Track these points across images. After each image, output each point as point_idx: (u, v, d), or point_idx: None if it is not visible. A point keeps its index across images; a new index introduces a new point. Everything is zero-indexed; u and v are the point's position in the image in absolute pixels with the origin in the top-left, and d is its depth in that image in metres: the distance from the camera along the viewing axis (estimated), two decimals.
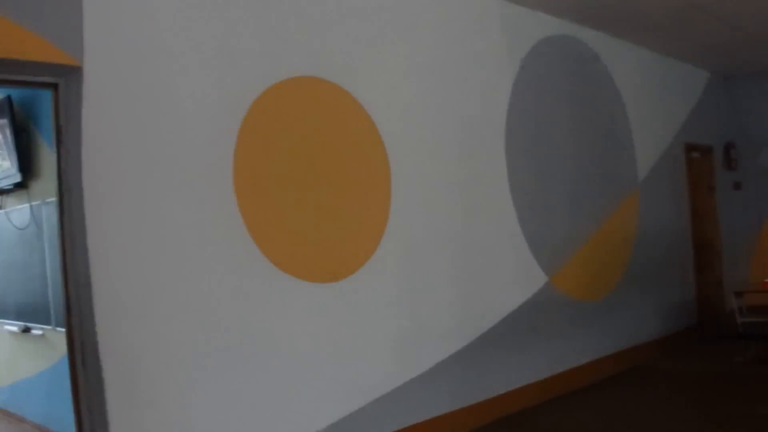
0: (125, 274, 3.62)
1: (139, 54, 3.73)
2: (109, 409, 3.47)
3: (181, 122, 3.87)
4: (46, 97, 4.57)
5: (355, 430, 4.56)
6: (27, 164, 5.94)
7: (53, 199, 4.03)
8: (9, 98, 5.72)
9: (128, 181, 3.67)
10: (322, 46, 4.63)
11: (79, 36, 3.49)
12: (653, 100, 8.21)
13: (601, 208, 7.13)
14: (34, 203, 6.11)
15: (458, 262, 5.46)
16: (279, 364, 4.22)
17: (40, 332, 6.23)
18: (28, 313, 6.36)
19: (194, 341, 3.87)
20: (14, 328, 6.62)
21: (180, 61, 3.89)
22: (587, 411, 5.77)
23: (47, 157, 5.63)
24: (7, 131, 5.82)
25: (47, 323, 6.02)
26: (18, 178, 5.97)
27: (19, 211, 6.38)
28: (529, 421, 5.55)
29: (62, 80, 3.57)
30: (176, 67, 3.87)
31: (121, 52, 3.67)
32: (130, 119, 3.69)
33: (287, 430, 4.23)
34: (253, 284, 4.14)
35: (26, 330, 6.43)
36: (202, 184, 3.95)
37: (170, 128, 3.84)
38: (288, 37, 4.43)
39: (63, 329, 3.84)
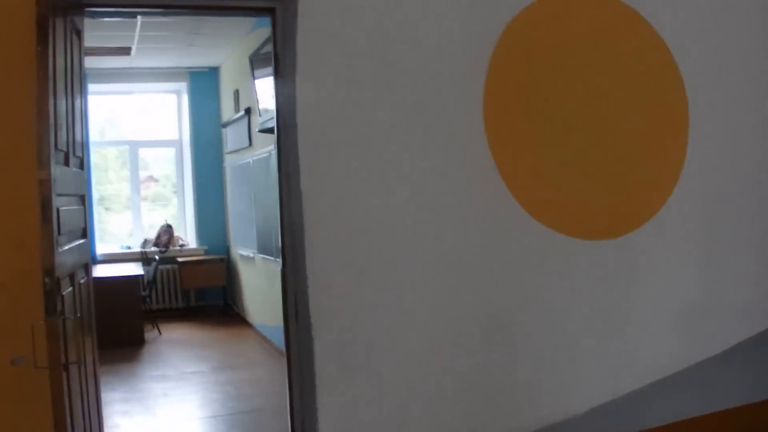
0: (342, 222, 3.40)
1: None
2: (317, 370, 3.41)
3: (414, 49, 3.53)
4: None
5: (623, 417, 3.92)
6: None
7: None
8: None
9: (348, 117, 3.40)
10: None
11: None
12: None
13: None
14: None
15: None
16: (534, 333, 3.73)
17: None
18: None
19: (425, 302, 3.54)
20: None
21: None
22: None
23: None
24: None
25: None
26: None
27: None
28: None
29: (279, 4, 3.31)
30: None
31: None
32: (351, 46, 3.42)
33: (535, 414, 3.72)
34: (504, 239, 3.69)
35: None
36: (439, 121, 3.57)
37: (400, 58, 3.47)
38: None
39: None
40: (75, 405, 2.79)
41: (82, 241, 3.22)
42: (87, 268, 3.31)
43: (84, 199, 3.32)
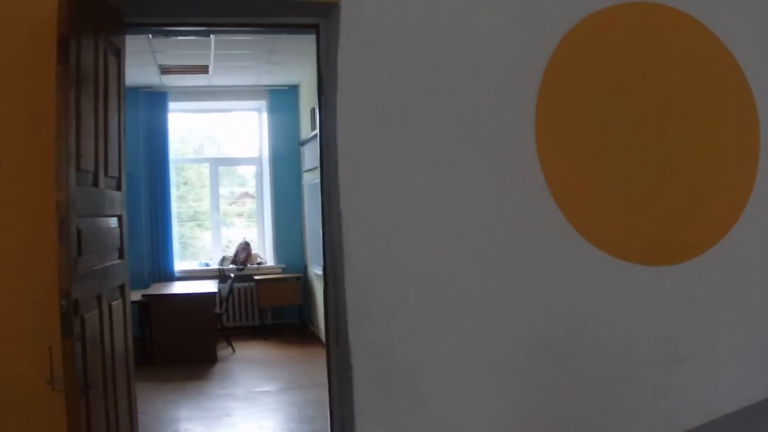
0: (383, 244, 3.28)
1: None
2: (357, 398, 3.33)
3: (461, 64, 3.38)
4: None
5: None
6: None
7: None
8: None
9: (390, 135, 3.27)
10: None
11: None
12: None
13: None
14: None
15: None
16: (587, 363, 3.49)
17: None
18: None
19: (470, 326, 3.37)
20: None
21: None
22: None
23: None
24: None
25: None
26: None
27: None
28: None
29: (323, 20, 3.21)
30: None
31: None
32: (395, 62, 3.31)
33: None
34: (555, 262, 3.48)
35: None
36: (488, 139, 3.39)
37: (445, 73, 3.32)
38: None
39: None
40: (96, 428, 2.75)
41: (116, 261, 3.19)
42: (123, 289, 3.29)
43: (121, 219, 3.30)
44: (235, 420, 5.54)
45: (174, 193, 9.42)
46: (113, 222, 3.18)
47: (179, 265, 9.10)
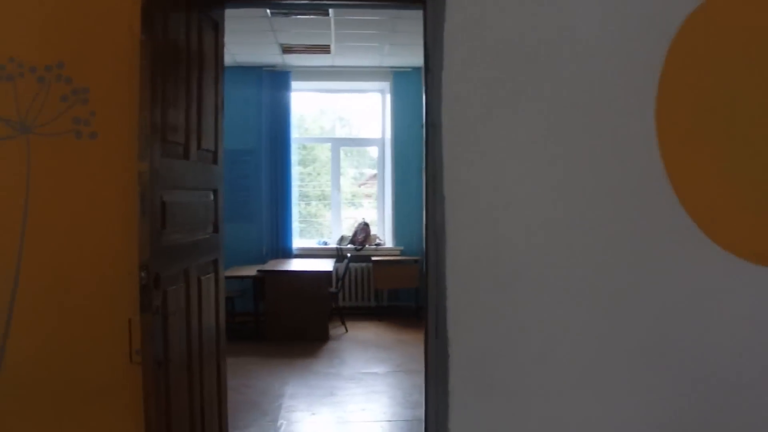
0: (487, 230, 3.08)
1: None
2: (452, 388, 3.22)
3: (573, 40, 3.13)
4: None
5: None
6: None
7: None
8: None
9: (497, 116, 3.08)
10: None
11: None
12: None
13: None
14: None
15: None
16: (704, 369, 3.18)
17: None
18: None
19: (575, 323, 3.14)
20: None
21: None
22: None
23: None
24: None
25: None
26: None
27: None
28: None
29: None
30: None
31: None
32: (502, 40, 3.11)
33: None
34: (672, 259, 3.16)
35: None
36: (601, 123, 3.13)
37: (556, 51, 3.07)
38: None
39: None
40: (177, 403, 2.74)
41: (208, 236, 3.18)
42: (216, 264, 3.28)
43: (217, 193, 3.28)
44: (336, 400, 5.53)
45: (299, 172, 9.56)
46: (208, 196, 3.17)
47: (298, 243, 9.23)
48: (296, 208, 9.46)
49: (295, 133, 9.37)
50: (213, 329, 3.20)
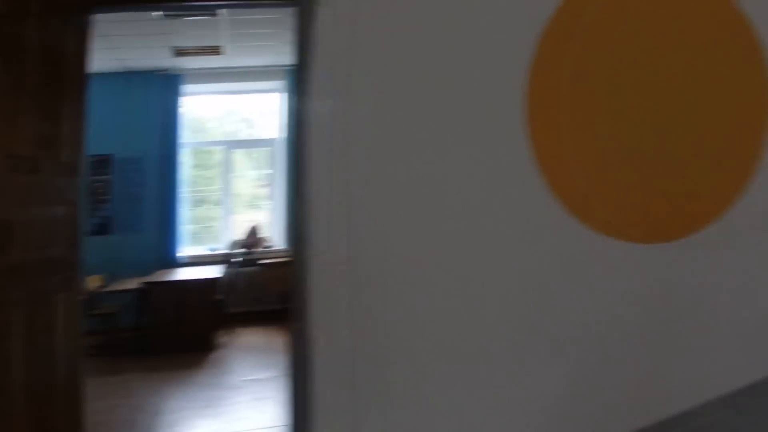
0: (355, 226, 3.02)
1: None
2: (316, 391, 2.92)
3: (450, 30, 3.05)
4: None
5: None
6: None
7: None
8: None
9: (363, 108, 3.00)
10: None
11: None
12: None
13: None
14: None
15: None
16: (573, 349, 3.23)
17: None
18: None
19: (441, 309, 3.12)
20: None
21: None
22: None
23: None
24: None
25: None
26: None
27: None
28: None
29: None
30: None
31: None
32: (371, 32, 3.00)
33: None
34: (541, 241, 3.17)
35: None
36: (473, 112, 3.10)
37: (427, 38, 3.04)
38: None
39: None
40: None
41: (63, 252, 3.02)
42: (71, 282, 3.12)
43: (75, 207, 3.12)
44: (220, 411, 5.39)
45: (196, 176, 9.31)
46: (62, 210, 3.01)
47: (189, 250, 8.98)
48: (192, 214, 9.21)
49: (194, 138, 9.12)
50: (69, 350, 3.04)
